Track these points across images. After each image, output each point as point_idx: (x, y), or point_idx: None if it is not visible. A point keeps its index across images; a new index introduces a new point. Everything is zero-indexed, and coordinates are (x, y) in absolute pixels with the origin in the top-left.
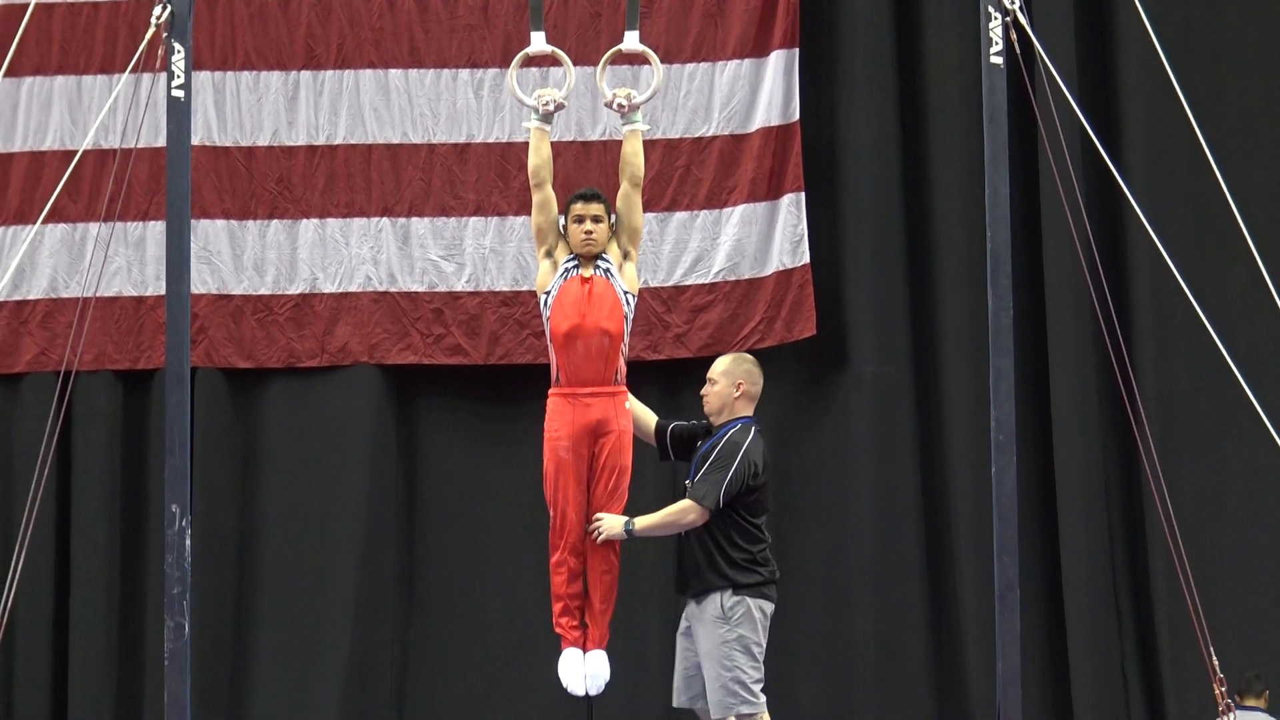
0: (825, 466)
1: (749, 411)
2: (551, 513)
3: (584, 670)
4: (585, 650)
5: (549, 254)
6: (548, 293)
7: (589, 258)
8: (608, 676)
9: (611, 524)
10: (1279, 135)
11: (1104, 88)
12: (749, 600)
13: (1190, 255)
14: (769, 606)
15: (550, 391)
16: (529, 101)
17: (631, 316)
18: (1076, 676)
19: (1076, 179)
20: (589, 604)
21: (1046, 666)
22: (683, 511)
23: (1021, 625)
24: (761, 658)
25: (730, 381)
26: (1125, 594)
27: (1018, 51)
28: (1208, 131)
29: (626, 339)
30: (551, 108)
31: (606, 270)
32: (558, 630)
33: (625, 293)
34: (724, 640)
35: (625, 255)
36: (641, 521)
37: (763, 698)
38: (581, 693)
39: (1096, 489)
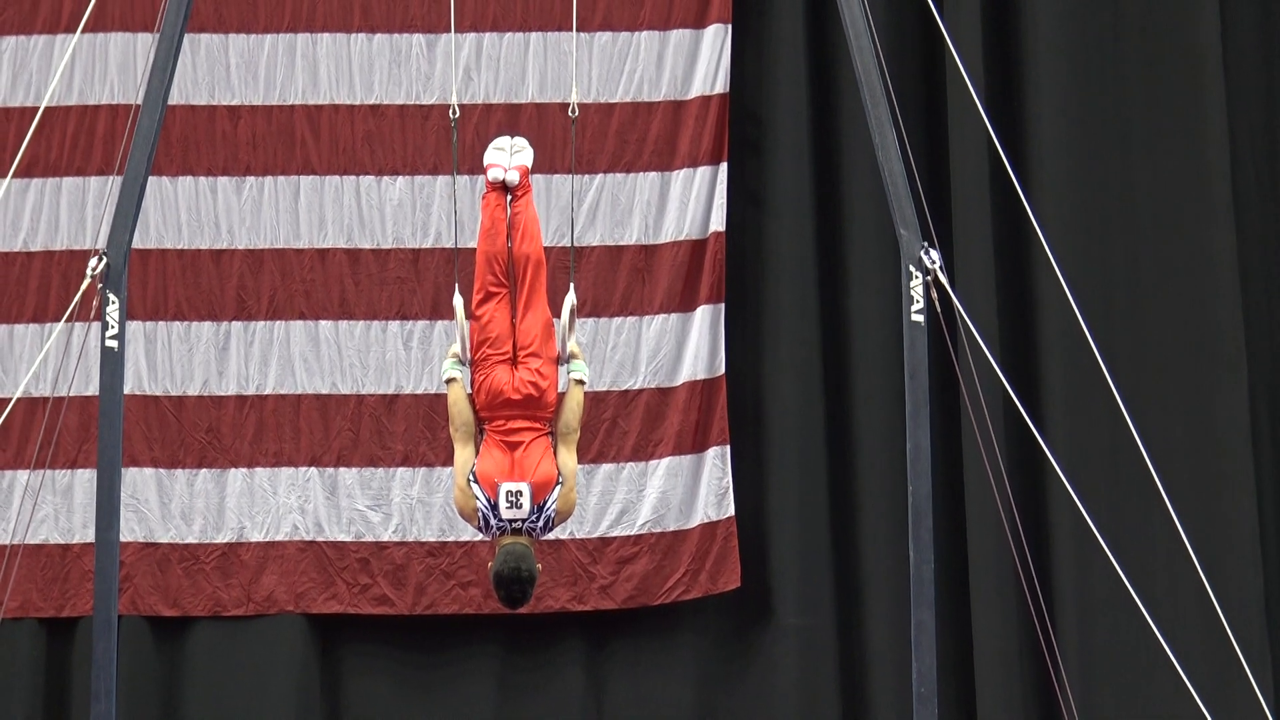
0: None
1: None
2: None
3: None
4: None
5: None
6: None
7: None
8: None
9: None
10: (1194, 394)
11: (1024, 344)
12: None
13: (1109, 510)
14: None
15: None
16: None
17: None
18: None
19: (996, 434)
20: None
21: None
22: None
23: None
24: None
25: None
26: None
27: (938, 309)
28: (1124, 389)
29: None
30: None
31: None
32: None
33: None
34: None
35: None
36: None
37: None
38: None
39: None
